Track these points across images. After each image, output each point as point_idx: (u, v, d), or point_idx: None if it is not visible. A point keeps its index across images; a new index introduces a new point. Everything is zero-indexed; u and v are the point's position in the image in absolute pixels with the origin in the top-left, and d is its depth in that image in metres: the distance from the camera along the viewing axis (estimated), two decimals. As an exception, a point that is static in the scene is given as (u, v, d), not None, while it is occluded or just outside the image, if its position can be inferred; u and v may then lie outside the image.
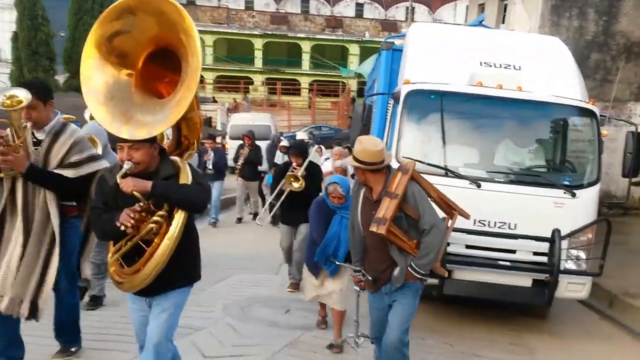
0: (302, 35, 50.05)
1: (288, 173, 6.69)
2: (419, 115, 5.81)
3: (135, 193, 3.00)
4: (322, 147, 11.69)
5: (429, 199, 3.91)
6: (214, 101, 39.25)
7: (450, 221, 4.30)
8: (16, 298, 3.71)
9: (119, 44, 3.11)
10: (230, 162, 12.58)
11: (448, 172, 5.54)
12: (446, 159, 5.65)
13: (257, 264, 8.21)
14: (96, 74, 3.07)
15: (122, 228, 2.98)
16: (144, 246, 3.07)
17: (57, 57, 30.79)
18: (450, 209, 4.21)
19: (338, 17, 53.96)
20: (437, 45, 6.26)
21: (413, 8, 38.18)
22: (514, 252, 5.59)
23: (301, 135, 10.81)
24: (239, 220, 11.89)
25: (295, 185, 6.53)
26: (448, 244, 5.40)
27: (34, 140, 3.84)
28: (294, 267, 6.77)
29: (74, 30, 30.75)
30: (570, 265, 5.61)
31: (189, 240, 3.26)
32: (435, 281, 5.42)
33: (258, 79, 48.02)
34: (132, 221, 2.98)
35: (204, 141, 10.97)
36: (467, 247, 5.58)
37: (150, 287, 3.16)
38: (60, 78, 30.51)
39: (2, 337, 3.90)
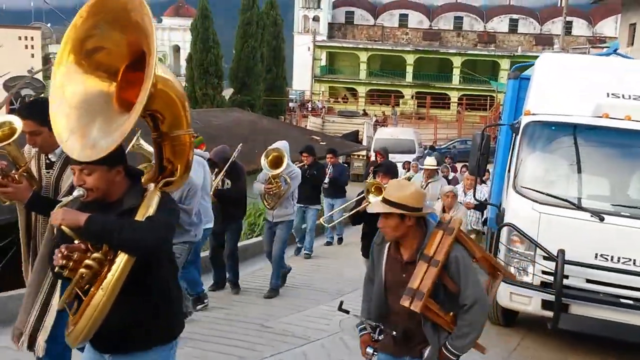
0: (453, 50, 49.42)
1: (370, 180, 5.86)
2: (538, 146, 5.65)
3: (64, 228, 2.39)
4: (448, 166, 11.48)
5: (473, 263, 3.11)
6: (365, 114, 40.09)
7: (494, 282, 3.41)
8: (15, 329, 3.37)
9: (95, 49, 2.53)
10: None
11: (569, 204, 5.31)
12: (567, 191, 5.43)
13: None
14: (68, 82, 2.52)
15: (56, 269, 2.39)
16: (81, 294, 2.44)
17: (224, 75, 33.52)
18: (495, 270, 3.41)
19: (491, 33, 52.40)
20: (563, 76, 6.03)
21: (569, 22, 35.81)
22: (639, 289, 5.20)
23: (430, 161, 9.20)
24: None
25: (375, 199, 5.11)
26: (566, 277, 5.19)
27: (47, 162, 3.41)
28: None
29: (240, 52, 33.50)
30: (701, 308, 5.09)
31: (156, 288, 2.58)
32: (549, 314, 5.23)
33: (408, 92, 48.26)
34: (64, 261, 2.35)
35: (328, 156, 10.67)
36: (588, 281, 5.30)
37: (107, 342, 2.57)
38: (226, 94, 33.03)
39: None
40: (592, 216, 5.20)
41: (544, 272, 5.31)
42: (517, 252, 5.46)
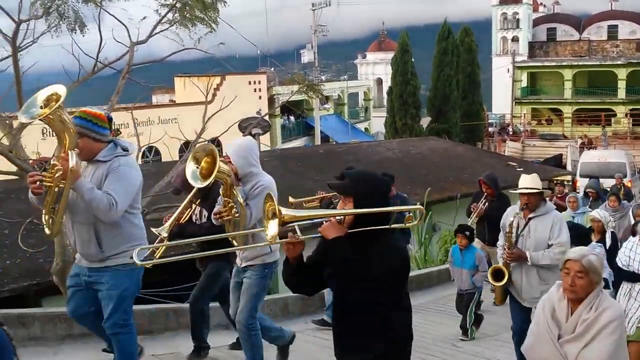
0: (676, 60, 43.54)
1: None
2: None
3: None
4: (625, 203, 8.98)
5: None
6: (565, 137, 37.26)
7: None
8: None
9: None
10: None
11: None
12: None
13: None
14: None
15: None
16: None
17: (421, 105, 34.05)
18: None
19: None
20: None
21: None
22: None
23: (527, 181, 5.03)
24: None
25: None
26: None
27: None
28: None
29: (436, 81, 33.82)
30: None
31: None
32: None
33: (621, 110, 43.62)
34: None
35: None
36: None
37: None
38: (424, 123, 33.43)
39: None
40: None
41: None
42: None
